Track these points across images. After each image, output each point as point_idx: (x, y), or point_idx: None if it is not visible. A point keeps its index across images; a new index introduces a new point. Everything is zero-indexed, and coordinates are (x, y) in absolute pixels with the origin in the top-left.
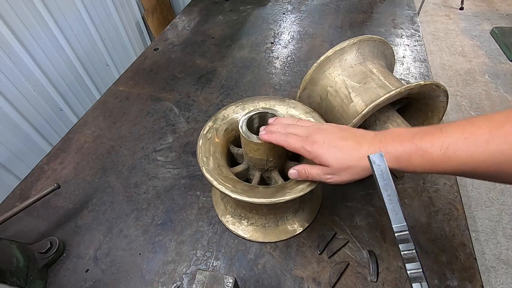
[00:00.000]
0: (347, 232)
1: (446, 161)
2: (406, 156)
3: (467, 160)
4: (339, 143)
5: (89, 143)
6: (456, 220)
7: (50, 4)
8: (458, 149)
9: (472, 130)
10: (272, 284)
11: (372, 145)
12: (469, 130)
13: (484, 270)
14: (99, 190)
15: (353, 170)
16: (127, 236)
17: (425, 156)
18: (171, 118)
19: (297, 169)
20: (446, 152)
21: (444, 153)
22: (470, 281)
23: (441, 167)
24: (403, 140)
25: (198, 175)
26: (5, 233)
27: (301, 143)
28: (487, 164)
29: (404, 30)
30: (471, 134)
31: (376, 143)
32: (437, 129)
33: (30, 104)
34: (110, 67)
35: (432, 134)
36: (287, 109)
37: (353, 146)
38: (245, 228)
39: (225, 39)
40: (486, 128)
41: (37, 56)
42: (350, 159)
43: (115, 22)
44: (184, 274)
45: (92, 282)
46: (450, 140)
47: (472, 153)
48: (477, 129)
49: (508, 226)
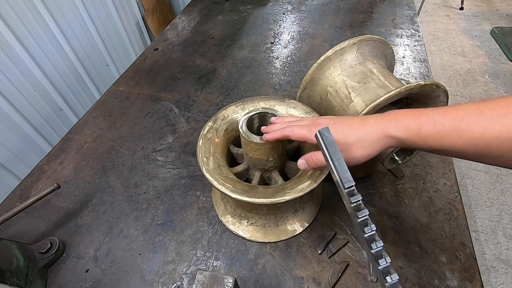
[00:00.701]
0: (347, 232)
1: (459, 133)
2: (417, 126)
3: (481, 134)
4: (345, 121)
5: (89, 143)
6: (456, 220)
7: (50, 4)
8: (472, 122)
9: (488, 105)
10: (272, 284)
11: (378, 118)
12: (484, 105)
13: (484, 270)
14: (99, 190)
15: (362, 144)
16: (127, 236)
17: (437, 126)
18: (171, 118)
19: (304, 159)
20: (459, 124)
21: (457, 125)
22: (470, 281)
23: (453, 139)
24: (414, 112)
25: (198, 175)
26: (5, 233)
27: (306, 128)
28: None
29: (404, 30)
30: (486, 109)
31: (383, 117)
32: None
33: (30, 104)
34: (110, 67)
35: (445, 108)
36: (287, 109)
37: (359, 122)
38: (245, 228)
39: (225, 39)
40: (503, 104)
41: (37, 56)
42: (357, 132)
43: (115, 22)
44: (184, 274)
45: (92, 282)
46: (464, 113)
47: (486, 127)
48: (494, 105)
49: (508, 226)
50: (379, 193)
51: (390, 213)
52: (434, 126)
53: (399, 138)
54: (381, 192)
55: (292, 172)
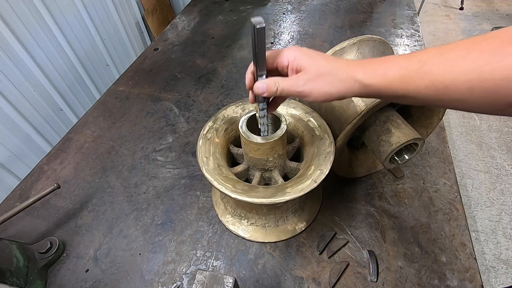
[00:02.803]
0: (347, 232)
1: (422, 77)
2: (383, 70)
3: (442, 76)
4: (319, 53)
5: (89, 143)
6: (456, 220)
7: (50, 4)
8: (434, 64)
9: (450, 48)
10: (272, 284)
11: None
12: (447, 48)
13: (484, 270)
14: (99, 190)
15: (330, 79)
16: (127, 236)
17: (401, 70)
18: (171, 118)
19: (266, 82)
20: (422, 67)
21: (420, 68)
22: (470, 281)
23: (416, 83)
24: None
25: (198, 175)
26: (5, 233)
27: None
28: (459, 81)
29: (404, 30)
30: (448, 51)
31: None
32: (415, 51)
33: (30, 104)
34: (110, 67)
35: (411, 53)
36: (287, 109)
37: (332, 57)
38: (245, 228)
39: (225, 39)
40: (463, 46)
41: (37, 56)
42: (330, 65)
43: (115, 22)
44: (184, 274)
45: (92, 282)
46: (428, 56)
47: (447, 70)
48: (455, 47)
49: (508, 226)
50: (379, 193)
51: (390, 213)
52: (399, 70)
53: (364, 83)
54: (381, 192)
55: (292, 172)
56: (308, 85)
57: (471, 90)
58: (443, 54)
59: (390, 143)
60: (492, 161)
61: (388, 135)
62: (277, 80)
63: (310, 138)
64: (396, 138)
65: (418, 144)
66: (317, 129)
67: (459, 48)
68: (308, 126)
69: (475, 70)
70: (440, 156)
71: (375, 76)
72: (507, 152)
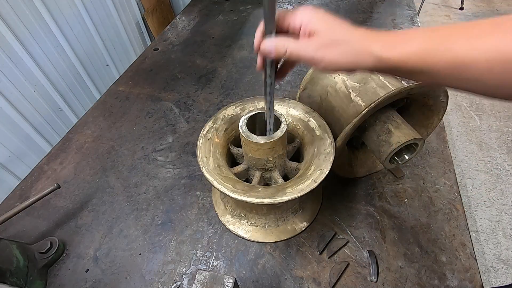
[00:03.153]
0: (347, 232)
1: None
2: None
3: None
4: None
5: (89, 143)
6: (456, 220)
7: (50, 4)
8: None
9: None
10: (272, 284)
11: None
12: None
13: (484, 270)
14: (99, 190)
15: (344, 48)
16: (127, 236)
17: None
18: (171, 118)
19: (275, 41)
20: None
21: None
22: (470, 281)
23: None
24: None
25: (198, 175)
26: (5, 233)
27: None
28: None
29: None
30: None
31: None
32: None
33: (30, 104)
34: (110, 67)
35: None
36: (287, 109)
37: (350, 26)
38: (245, 228)
39: (225, 39)
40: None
41: (37, 56)
42: (345, 32)
43: (115, 22)
44: (184, 274)
45: (92, 282)
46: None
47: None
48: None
49: (508, 226)
50: (379, 193)
51: (390, 213)
52: (420, 44)
53: (381, 57)
54: (381, 192)
55: (292, 172)
56: (320, 52)
57: (490, 70)
58: (467, 30)
59: (390, 143)
60: (492, 161)
61: (388, 135)
62: (287, 41)
63: (310, 138)
64: (396, 138)
65: (418, 144)
66: (317, 129)
67: (482, 26)
68: (308, 126)
69: (499, 49)
70: (440, 156)
71: (393, 50)
72: (507, 152)
